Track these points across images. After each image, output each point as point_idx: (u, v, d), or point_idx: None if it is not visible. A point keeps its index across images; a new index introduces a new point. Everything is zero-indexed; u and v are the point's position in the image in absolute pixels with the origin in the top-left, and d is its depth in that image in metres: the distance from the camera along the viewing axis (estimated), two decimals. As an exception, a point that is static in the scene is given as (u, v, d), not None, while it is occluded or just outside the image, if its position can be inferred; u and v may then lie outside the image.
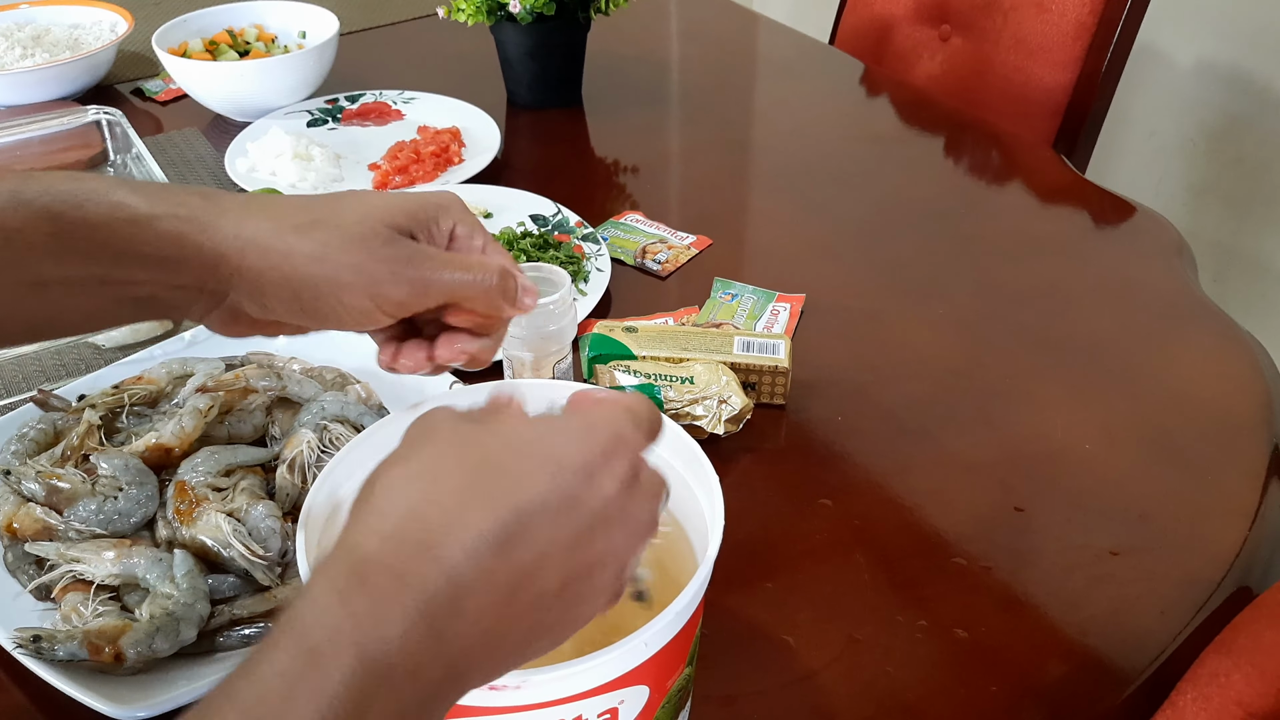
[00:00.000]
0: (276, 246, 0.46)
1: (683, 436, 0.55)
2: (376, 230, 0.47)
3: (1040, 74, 1.43)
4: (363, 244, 0.46)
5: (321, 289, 0.46)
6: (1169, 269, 0.98)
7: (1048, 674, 0.62)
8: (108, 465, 0.67)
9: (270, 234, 0.46)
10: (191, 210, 0.46)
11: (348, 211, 0.47)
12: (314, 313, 0.46)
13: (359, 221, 0.47)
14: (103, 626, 0.59)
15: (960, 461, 0.77)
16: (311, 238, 0.46)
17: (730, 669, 0.62)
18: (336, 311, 0.46)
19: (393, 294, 0.46)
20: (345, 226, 0.47)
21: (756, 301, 0.93)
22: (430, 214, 0.49)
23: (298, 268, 0.46)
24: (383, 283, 0.46)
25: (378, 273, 0.46)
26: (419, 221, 0.49)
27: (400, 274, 0.46)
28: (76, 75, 1.28)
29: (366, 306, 0.46)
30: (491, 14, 1.20)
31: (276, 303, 0.46)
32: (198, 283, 0.46)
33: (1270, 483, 0.74)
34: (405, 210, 0.48)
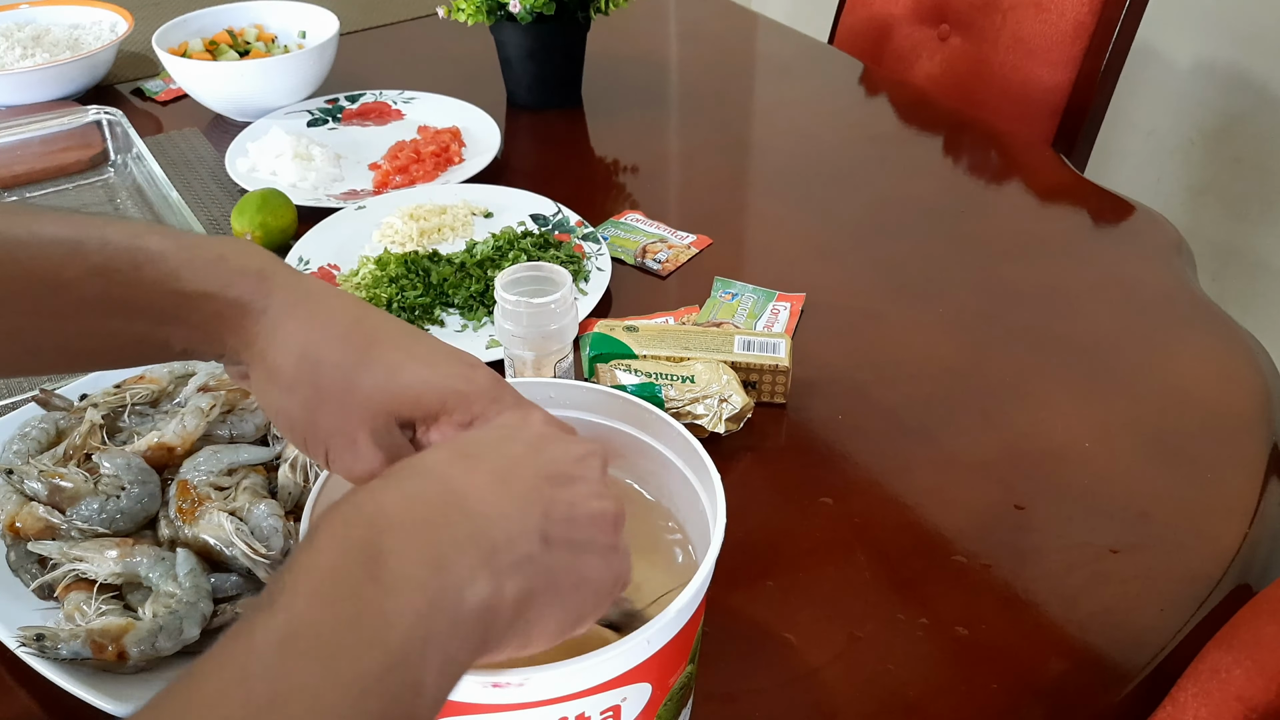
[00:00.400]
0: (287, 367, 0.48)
1: (685, 435, 0.56)
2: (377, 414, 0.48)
3: (1039, 74, 1.44)
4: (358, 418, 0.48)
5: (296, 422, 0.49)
6: (1168, 268, 0.98)
7: (1048, 671, 0.62)
8: (110, 464, 0.67)
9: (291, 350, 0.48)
10: (239, 294, 0.48)
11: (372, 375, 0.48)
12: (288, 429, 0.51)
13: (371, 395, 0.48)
14: (106, 625, 0.59)
15: (960, 460, 0.77)
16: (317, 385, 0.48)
17: (732, 667, 0.62)
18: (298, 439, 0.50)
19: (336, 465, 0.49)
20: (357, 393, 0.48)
21: (757, 301, 0.93)
22: (443, 407, 0.48)
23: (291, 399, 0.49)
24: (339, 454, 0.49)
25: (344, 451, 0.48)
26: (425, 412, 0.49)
27: (355, 463, 0.48)
28: (76, 75, 1.28)
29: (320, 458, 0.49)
30: (491, 14, 1.20)
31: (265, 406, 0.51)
32: (230, 357, 0.51)
33: (1269, 480, 0.74)
34: (417, 403, 0.48)
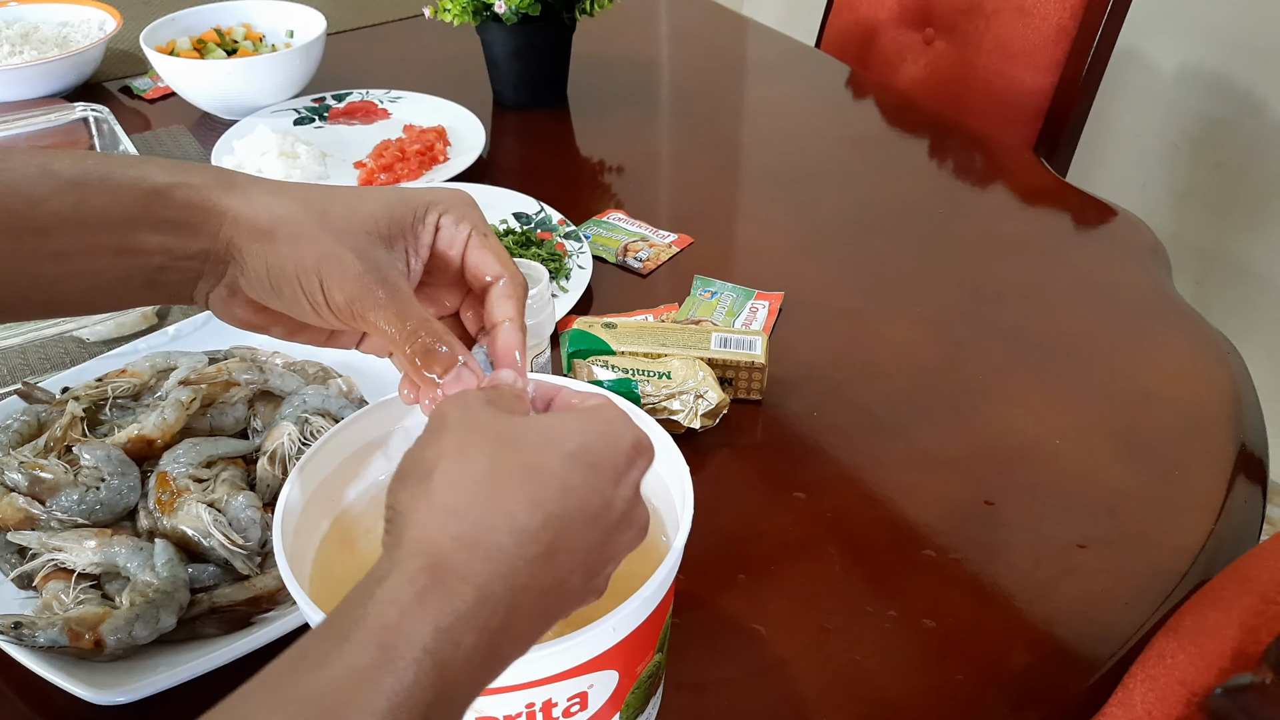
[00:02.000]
0: (264, 220, 0.48)
1: (654, 427, 0.57)
2: (355, 230, 0.48)
3: (1022, 77, 1.45)
4: (337, 237, 0.47)
5: (287, 268, 0.47)
6: (1142, 270, 0.99)
7: (1013, 663, 0.63)
8: (90, 456, 0.67)
9: (263, 208, 0.48)
10: (205, 179, 0.48)
11: (339, 203, 0.49)
12: (279, 292, 0.48)
13: (344, 216, 0.48)
14: (83, 614, 0.60)
15: (933, 456, 0.78)
16: (299, 216, 0.48)
17: (702, 657, 0.63)
18: (297, 296, 0.47)
19: (335, 294, 0.47)
20: (330, 216, 0.48)
21: (736, 299, 0.94)
22: (417, 210, 0.50)
23: (276, 244, 0.47)
24: (333, 280, 0.47)
25: (332, 270, 0.47)
26: (402, 222, 0.49)
27: (349, 281, 0.47)
28: (64, 73, 1.28)
29: (318, 299, 0.47)
30: (477, 14, 1.21)
31: (253, 276, 0.48)
32: (204, 251, 0.48)
33: (1236, 478, 0.75)
34: (390, 211, 0.49)
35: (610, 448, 0.43)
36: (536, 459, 0.41)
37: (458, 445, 0.42)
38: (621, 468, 0.43)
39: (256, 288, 0.48)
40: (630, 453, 0.43)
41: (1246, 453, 0.79)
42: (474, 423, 0.43)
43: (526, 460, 0.41)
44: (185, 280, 0.49)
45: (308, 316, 0.48)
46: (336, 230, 0.48)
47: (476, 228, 0.51)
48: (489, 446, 0.41)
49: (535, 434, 0.42)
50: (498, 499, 0.40)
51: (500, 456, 0.41)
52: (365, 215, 0.49)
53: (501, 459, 0.41)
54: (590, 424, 0.44)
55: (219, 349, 0.80)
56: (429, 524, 0.39)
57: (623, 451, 0.43)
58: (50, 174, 0.46)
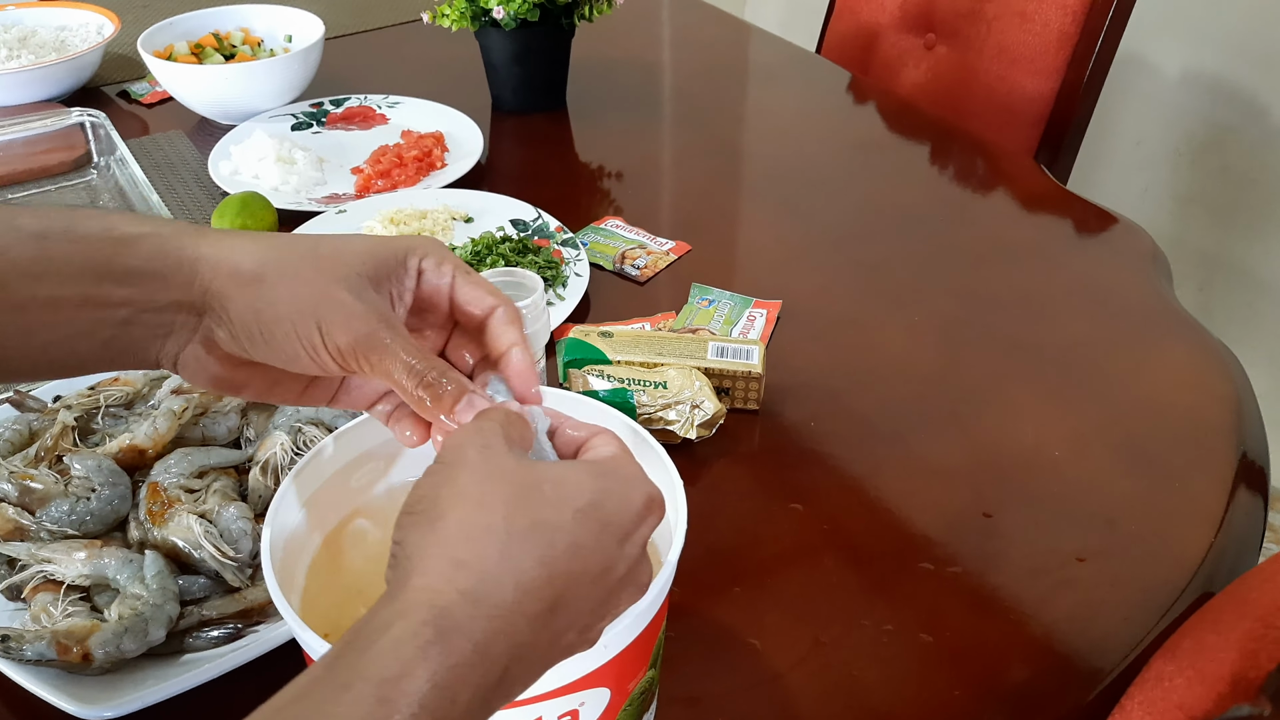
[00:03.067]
0: (248, 266, 0.46)
1: (646, 438, 0.56)
2: (346, 274, 0.47)
3: (1023, 83, 1.44)
4: (329, 280, 0.46)
5: (280, 313, 0.46)
6: (1143, 277, 0.99)
7: (1011, 678, 0.62)
8: (81, 466, 0.67)
9: (247, 253, 0.47)
10: (176, 229, 0.47)
11: (324, 247, 0.48)
12: (271, 340, 0.46)
13: (332, 258, 0.47)
14: (71, 627, 0.59)
15: (931, 466, 0.78)
16: (284, 262, 0.46)
17: (696, 671, 0.62)
18: (291, 342, 0.46)
19: (338, 337, 0.45)
20: (318, 260, 0.47)
21: (733, 307, 0.93)
22: (397, 255, 0.49)
23: (263, 289, 0.46)
24: (334, 323, 0.45)
25: (332, 312, 0.46)
26: (387, 265, 0.48)
27: (351, 323, 0.45)
28: (62, 77, 1.28)
29: (315, 342, 0.46)
30: (475, 20, 1.21)
31: (240, 326, 0.46)
32: (175, 302, 0.46)
33: (1237, 489, 0.75)
34: (374, 255, 0.48)
35: (622, 506, 0.42)
36: (551, 515, 0.41)
37: (476, 493, 0.41)
38: (629, 527, 0.42)
39: (241, 336, 0.46)
40: (641, 511, 0.43)
41: (1247, 462, 0.78)
42: (494, 469, 0.42)
43: (540, 516, 0.40)
44: (151, 337, 0.47)
45: (297, 363, 0.47)
46: (328, 272, 0.46)
47: (458, 267, 0.50)
48: (506, 496, 0.41)
49: (551, 487, 0.42)
50: (508, 555, 0.39)
51: (515, 511, 0.40)
52: (353, 256, 0.47)
53: (516, 513, 0.40)
54: (606, 481, 0.43)
55: (212, 357, 0.79)
56: (437, 574, 0.39)
57: (634, 510, 0.43)
58: (12, 228, 0.45)
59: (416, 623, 0.37)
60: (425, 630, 0.37)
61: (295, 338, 0.45)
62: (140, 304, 0.46)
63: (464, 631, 0.37)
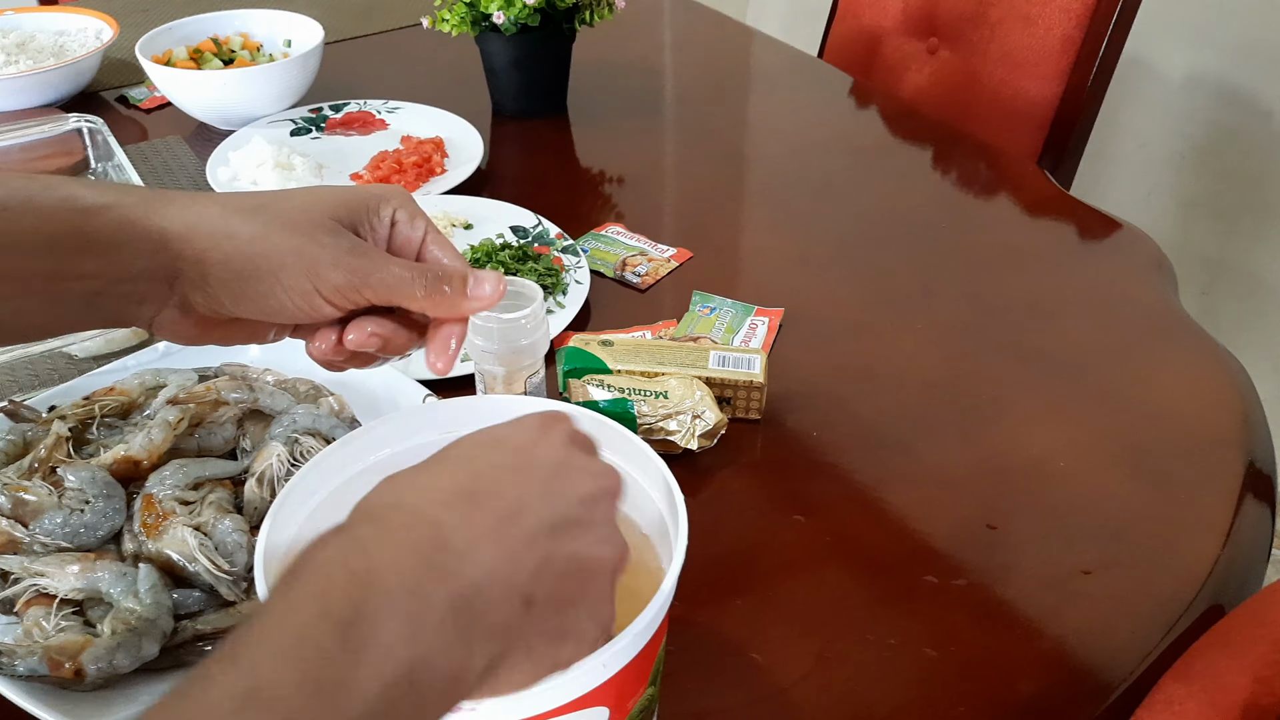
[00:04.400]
0: (220, 228, 0.46)
1: (647, 452, 0.55)
2: (319, 220, 0.48)
3: (1027, 87, 1.44)
4: (304, 229, 0.47)
5: (262, 268, 0.46)
6: (1149, 284, 0.98)
7: (1017, 694, 0.61)
8: (75, 478, 0.66)
9: (215, 217, 0.47)
10: (140, 198, 0.47)
11: (292, 200, 0.49)
12: (255, 296, 0.46)
13: (302, 210, 0.48)
14: (63, 642, 0.58)
15: (935, 477, 0.77)
16: (254, 220, 0.47)
17: (697, 686, 0.61)
18: (277, 294, 0.46)
19: (332, 277, 0.46)
20: (288, 213, 0.48)
21: (735, 315, 0.93)
22: (370, 204, 0.50)
23: (240, 247, 0.46)
24: (322, 265, 0.46)
25: (318, 255, 0.46)
26: (358, 212, 0.49)
27: (340, 260, 0.46)
28: (61, 82, 1.28)
29: (306, 288, 0.46)
30: (476, 25, 1.20)
31: (219, 286, 0.46)
32: (145, 271, 0.46)
33: (1244, 500, 0.74)
34: (346, 202, 0.49)
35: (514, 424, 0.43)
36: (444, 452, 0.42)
37: None
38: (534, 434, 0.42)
39: (223, 297, 0.47)
40: (541, 423, 0.43)
41: (1254, 471, 0.77)
42: None
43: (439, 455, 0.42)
44: (125, 304, 0.47)
45: (285, 313, 0.47)
46: (301, 222, 0.47)
47: (429, 222, 0.51)
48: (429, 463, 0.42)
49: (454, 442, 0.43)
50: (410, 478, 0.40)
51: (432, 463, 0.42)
52: (324, 204, 0.49)
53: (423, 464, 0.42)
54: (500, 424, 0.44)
55: (209, 365, 0.79)
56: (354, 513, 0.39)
57: (531, 425, 0.43)
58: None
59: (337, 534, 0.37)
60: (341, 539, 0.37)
61: (283, 290, 0.46)
62: (110, 275, 0.46)
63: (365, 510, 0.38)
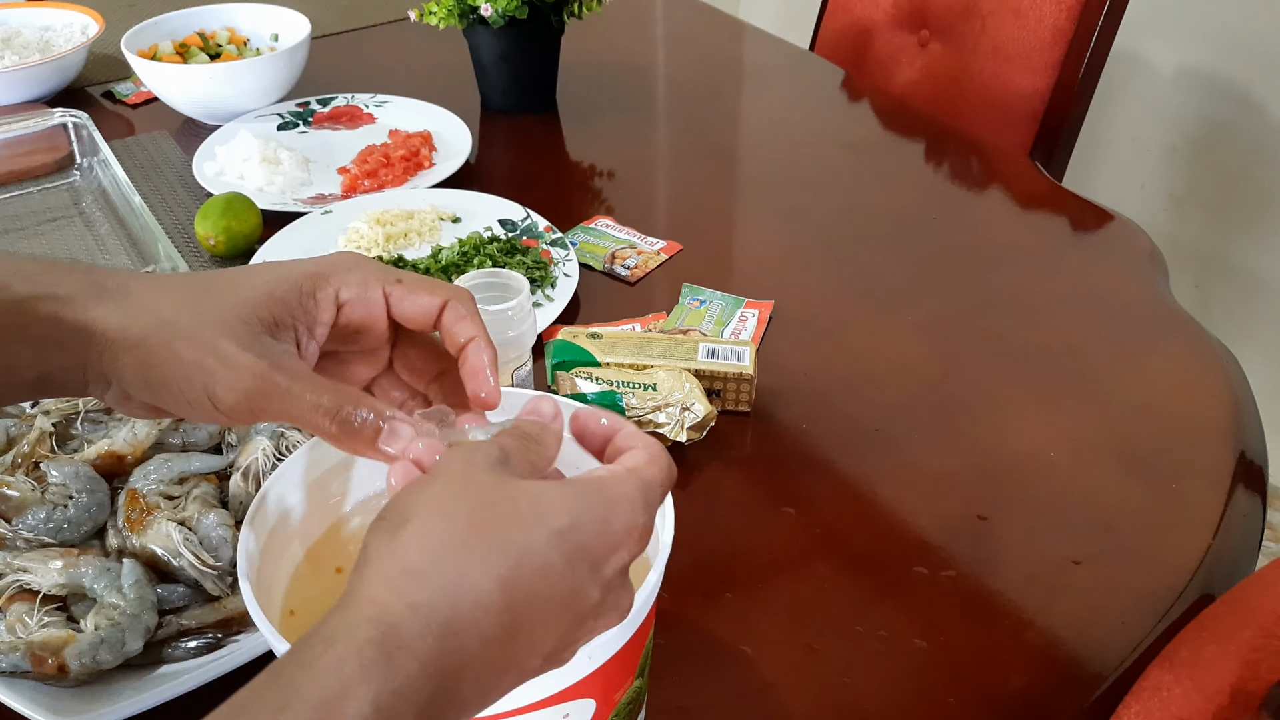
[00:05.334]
0: (133, 330, 0.44)
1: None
2: (232, 324, 0.45)
3: (1018, 80, 1.43)
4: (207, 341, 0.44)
5: (167, 378, 0.44)
6: (1139, 277, 0.98)
7: (1006, 686, 0.61)
8: (58, 473, 0.66)
9: (131, 317, 0.45)
10: (69, 290, 0.45)
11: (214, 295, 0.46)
12: (166, 404, 0.45)
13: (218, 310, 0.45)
14: (46, 638, 0.58)
15: (925, 470, 0.76)
16: (165, 322, 0.45)
17: (686, 680, 0.61)
18: (181, 406, 0.45)
19: (225, 398, 0.44)
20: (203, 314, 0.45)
21: (725, 308, 0.92)
22: (305, 288, 0.46)
23: (148, 356, 0.44)
24: (217, 384, 0.44)
25: (214, 373, 0.44)
26: (288, 305, 0.46)
27: (236, 381, 0.44)
28: (46, 78, 1.27)
29: (205, 405, 0.44)
30: (463, 18, 1.19)
31: (134, 389, 0.45)
32: (78, 363, 0.45)
33: (1235, 492, 0.74)
34: (271, 295, 0.46)
35: (603, 530, 0.40)
36: (518, 533, 0.38)
37: (442, 500, 0.39)
38: (605, 555, 0.40)
39: (136, 394, 0.45)
40: (622, 536, 0.40)
41: (1246, 462, 0.77)
42: (470, 480, 0.40)
43: (506, 533, 0.38)
44: (71, 387, 0.46)
45: (199, 418, 0.45)
46: (213, 326, 0.44)
47: (387, 281, 0.47)
48: (473, 508, 0.38)
49: (527, 501, 0.39)
50: (466, 571, 0.37)
51: (481, 524, 0.38)
52: (243, 302, 0.45)
53: (481, 527, 0.38)
54: (588, 501, 0.40)
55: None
56: (387, 584, 0.37)
57: (615, 534, 0.40)
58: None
59: (361, 640, 0.35)
60: (369, 650, 0.35)
61: (186, 402, 0.44)
62: (48, 365, 0.45)
63: (410, 650, 0.35)
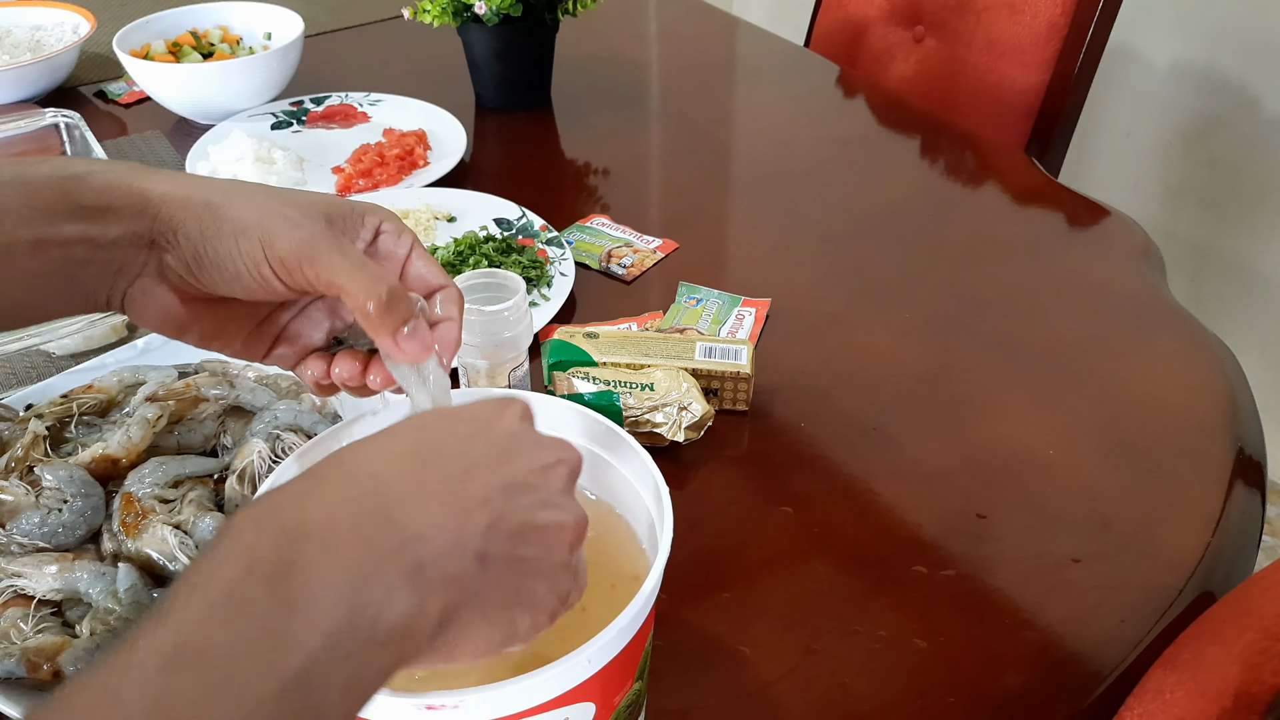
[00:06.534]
0: (200, 194, 0.47)
1: (632, 444, 0.55)
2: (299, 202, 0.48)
3: (1013, 75, 1.43)
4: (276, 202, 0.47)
5: (224, 229, 0.46)
6: (1136, 272, 0.97)
7: (1005, 684, 0.61)
8: (52, 477, 0.65)
9: (199, 185, 0.48)
10: (129, 168, 0.48)
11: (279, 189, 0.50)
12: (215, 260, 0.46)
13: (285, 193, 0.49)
14: (41, 644, 0.57)
15: (923, 468, 0.76)
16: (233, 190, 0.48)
17: (684, 681, 0.61)
18: (233, 257, 0.46)
19: (280, 246, 0.46)
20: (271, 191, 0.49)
21: (721, 306, 0.92)
22: (357, 210, 0.50)
23: (211, 209, 0.47)
24: (277, 234, 0.46)
25: (276, 225, 0.46)
26: (344, 214, 0.50)
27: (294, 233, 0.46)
28: (37, 77, 1.26)
29: (257, 255, 0.46)
30: (457, 15, 1.19)
31: (187, 246, 0.47)
32: (126, 235, 0.47)
33: (1233, 487, 0.74)
34: (334, 203, 0.50)
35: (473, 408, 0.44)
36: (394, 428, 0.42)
37: None
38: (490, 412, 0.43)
39: (188, 258, 0.47)
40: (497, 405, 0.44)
41: (1244, 458, 0.77)
42: None
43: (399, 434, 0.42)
44: (104, 274, 0.48)
45: (240, 282, 0.47)
46: (280, 199, 0.48)
47: (416, 240, 0.52)
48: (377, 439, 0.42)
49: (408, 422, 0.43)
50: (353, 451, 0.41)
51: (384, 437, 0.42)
52: (308, 197, 0.49)
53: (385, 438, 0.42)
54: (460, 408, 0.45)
55: (189, 363, 0.78)
56: None
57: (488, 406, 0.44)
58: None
59: None
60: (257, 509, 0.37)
61: (238, 253, 0.46)
62: (95, 240, 0.46)
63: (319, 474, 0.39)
